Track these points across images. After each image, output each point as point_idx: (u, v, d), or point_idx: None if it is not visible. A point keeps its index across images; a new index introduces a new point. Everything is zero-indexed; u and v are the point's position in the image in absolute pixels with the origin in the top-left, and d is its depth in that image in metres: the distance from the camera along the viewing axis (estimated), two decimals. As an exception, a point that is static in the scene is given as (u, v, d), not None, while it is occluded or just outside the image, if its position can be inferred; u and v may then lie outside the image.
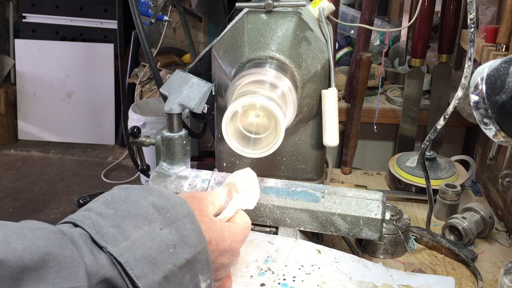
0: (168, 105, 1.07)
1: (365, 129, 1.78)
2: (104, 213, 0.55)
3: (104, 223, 0.54)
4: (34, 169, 3.92)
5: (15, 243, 0.47)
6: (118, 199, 0.57)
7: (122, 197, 0.58)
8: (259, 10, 1.03)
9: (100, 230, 0.53)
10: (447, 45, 1.69)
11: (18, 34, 4.40)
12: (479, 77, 0.67)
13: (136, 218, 0.55)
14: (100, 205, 0.57)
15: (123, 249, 0.52)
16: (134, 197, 0.58)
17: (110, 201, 0.57)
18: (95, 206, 0.57)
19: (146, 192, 0.59)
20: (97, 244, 0.52)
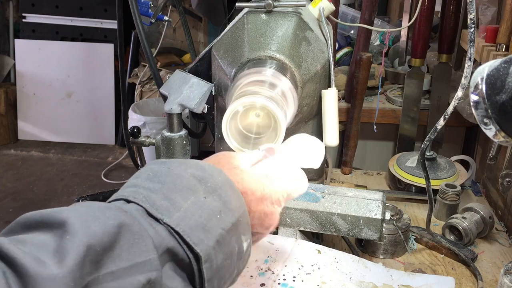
0: (168, 105, 1.07)
1: (365, 129, 1.78)
2: (152, 187, 0.57)
3: (155, 196, 0.56)
4: (34, 169, 3.92)
5: (94, 226, 0.49)
6: (161, 174, 0.59)
7: (163, 171, 0.60)
8: (259, 10, 1.03)
9: (153, 204, 0.55)
10: (447, 45, 1.69)
11: (18, 34, 4.40)
12: (479, 77, 0.67)
13: (182, 190, 0.58)
14: (144, 180, 0.59)
15: (178, 219, 0.55)
16: (174, 170, 0.60)
17: (152, 176, 0.59)
18: (140, 182, 0.59)
19: (184, 165, 0.61)
20: (153, 217, 0.54)
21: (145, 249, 0.51)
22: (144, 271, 0.50)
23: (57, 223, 0.49)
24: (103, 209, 0.52)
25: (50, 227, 0.49)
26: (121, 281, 0.48)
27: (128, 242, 0.50)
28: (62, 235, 0.48)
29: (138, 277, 0.49)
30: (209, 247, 0.55)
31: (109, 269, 0.48)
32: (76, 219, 0.49)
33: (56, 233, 0.48)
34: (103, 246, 0.48)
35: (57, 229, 0.48)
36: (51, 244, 0.47)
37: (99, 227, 0.49)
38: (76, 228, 0.48)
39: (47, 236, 0.48)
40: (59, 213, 0.50)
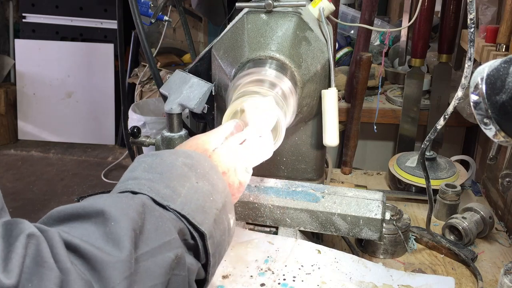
0: (168, 105, 1.07)
1: (365, 129, 1.78)
2: (152, 178, 0.62)
3: (158, 186, 0.61)
4: (34, 169, 3.91)
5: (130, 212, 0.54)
6: (156, 165, 0.65)
7: (157, 162, 0.65)
8: (259, 10, 1.03)
9: (158, 193, 0.60)
10: (447, 45, 1.69)
11: (18, 34, 4.40)
12: (479, 77, 0.67)
13: (178, 178, 0.63)
14: (142, 172, 0.64)
15: (181, 204, 0.61)
16: (167, 160, 0.65)
17: (148, 168, 0.64)
18: (138, 174, 0.64)
19: (174, 155, 0.67)
20: (159, 204, 0.60)
21: (168, 230, 0.57)
22: (171, 248, 0.56)
23: (95, 213, 0.53)
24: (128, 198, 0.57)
25: (88, 217, 0.53)
26: (155, 259, 0.54)
27: (154, 225, 0.56)
28: (105, 223, 0.52)
29: (168, 253, 0.56)
30: (210, 226, 0.62)
31: (144, 249, 0.53)
32: (112, 207, 0.54)
33: (96, 221, 0.52)
34: (139, 229, 0.54)
35: (96, 218, 0.53)
36: (97, 232, 0.51)
37: (134, 213, 0.55)
38: (117, 215, 0.53)
39: (90, 225, 0.52)
40: (93, 204, 0.54)
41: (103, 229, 0.52)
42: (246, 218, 1.02)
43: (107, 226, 0.52)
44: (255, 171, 0.90)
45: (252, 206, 1.00)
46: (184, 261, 0.58)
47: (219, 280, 0.90)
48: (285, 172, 1.15)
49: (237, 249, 0.97)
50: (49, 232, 0.49)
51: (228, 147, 0.77)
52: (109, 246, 0.50)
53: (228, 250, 0.97)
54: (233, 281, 0.90)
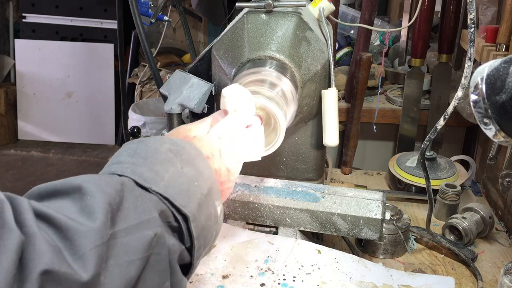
0: (168, 105, 1.07)
1: (365, 129, 1.78)
2: (136, 162, 0.63)
3: (141, 169, 0.62)
4: (34, 169, 3.91)
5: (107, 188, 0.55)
6: (140, 150, 0.65)
7: (142, 148, 0.66)
8: (259, 10, 1.03)
9: (141, 175, 0.61)
10: (447, 45, 1.69)
11: (18, 34, 4.40)
12: (479, 77, 0.67)
13: (162, 162, 0.64)
14: (127, 157, 0.64)
15: (164, 187, 0.61)
16: (152, 146, 0.66)
17: (133, 153, 0.65)
18: (123, 159, 0.64)
19: (160, 141, 0.68)
20: (142, 187, 0.60)
21: (148, 209, 0.58)
22: (150, 227, 0.57)
23: (72, 189, 0.54)
24: (107, 177, 0.59)
25: (66, 193, 0.54)
26: (134, 236, 0.55)
27: (133, 203, 0.57)
28: (82, 198, 0.53)
29: (147, 231, 0.56)
30: (193, 209, 0.63)
31: (121, 226, 0.55)
32: (90, 183, 0.55)
33: (74, 197, 0.54)
34: (117, 206, 0.55)
35: (74, 193, 0.54)
36: (73, 206, 0.53)
37: (111, 189, 0.55)
38: (93, 190, 0.54)
39: (66, 201, 0.54)
40: (71, 180, 0.55)
41: (79, 203, 0.53)
42: (246, 218, 1.02)
43: (83, 200, 0.53)
44: (255, 171, 0.90)
45: (252, 206, 1.00)
46: (164, 240, 0.59)
47: (219, 280, 0.90)
48: (285, 172, 1.15)
49: (237, 249, 0.97)
50: (17, 199, 0.50)
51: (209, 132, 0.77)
52: (83, 218, 0.51)
53: (228, 250, 0.97)
54: (233, 281, 0.90)
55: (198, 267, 0.93)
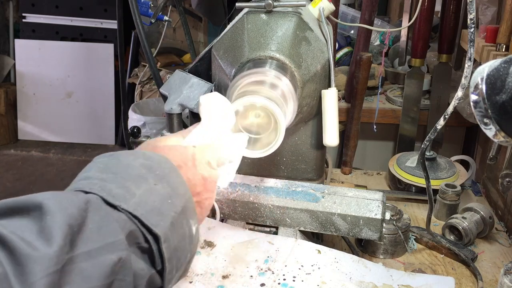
0: (168, 105, 1.07)
1: (365, 129, 1.78)
2: (105, 178, 0.60)
3: (110, 185, 0.58)
4: (34, 169, 3.91)
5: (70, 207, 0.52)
6: (112, 165, 0.62)
7: (113, 163, 0.63)
8: (259, 10, 1.03)
9: (110, 192, 0.58)
10: (447, 45, 1.69)
11: (18, 34, 4.40)
12: (479, 77, 0.67)
13: (134, 178, 0.61)
14: (96, 172, 0.61)
15: (135, 205, 0.58)
16: (124, 161, 0.63)
17: (103, 168, 0.62)
18: (92, 174, 0.61)
19: (132, 155, 0.65)
20: (110, 205, 0.57)
21: (113, 230, 0.54)
22: (114, 250, 0.53)
23: (33, 206, 0.51)
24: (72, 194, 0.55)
25: (26, 211, 0.51)
26: (95, 260, 0.51)
27: (97, 224, 0.53)
28: (41, 217, 0.50)
29: (110, 255, 0.53)
30: (165, 228, 0.59)
31: (81, 249, 0.51)
32: (51, 201, 0.51)
33: (34, 215, 0.50)
34: (78, 227, 0.51)
35: (34, 212, 0.51)
36: (32, 226, 0.50)
37: (74, 208, 0.52)
38: (54, 209, 0.51)
39: (26, 219, 0.50)
40: (33, 197, 0.52)
41: (39, 223, 0.50)
42: (246, 218, 1.02)
43: (43, 220, 0.50)
44: (255, 171, 0.90)
45: (252, 206, 1.00)
46: (130, 265, 0.55)
47: (219, 280, 0.90)
48: (285, 172, 1.15)
49: (237, 249, 0.97)
50: None
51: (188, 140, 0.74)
52: (40, 241, 0.48)
53: (228, 250, 0.97)
54: (233, 281, 0.90)
55: (198, 267, 0.93)
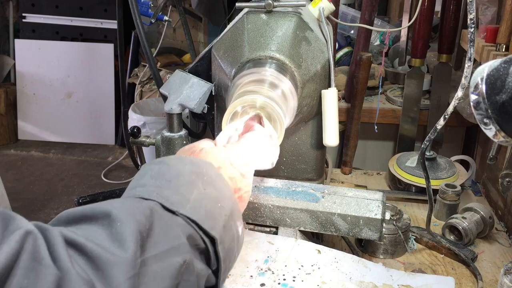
0: (168, 105, 1.07)
1: (365, 129, 1.78)
2: (160, 185, 0.62)
3: (167, 192, 0.61)
4: (34, 169, 3.91)
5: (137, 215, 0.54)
6: (163, 172, 0.65)
7: (164, 170, 0.65)
8: (259, 10, 1.03)
9: (168, 199, 0.60)
10: (447, 45, 1.69)
11: (18, 34, 4.40)
12: (479, 77, 0.67)
13: (186, 185, 0.64)
14: (150, 180, 0.64)
15: (191, 210, 0.61)
16: (174, 168, 0.66)
17: (156, 175, 0.64)
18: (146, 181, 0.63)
19: (181, 162, 0.68)
20: (169, 210, 0.60)
21: (177, 234, 0.57)
22: (180, 253, 0.57)
23: (101, 215, 0.53)
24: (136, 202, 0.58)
25: (95, 219, 0.53)
26: (163, 263, 0.54)
27: (163, 229, 0.56)
28: (111, 224, 0.52)
29: (176, 258, 0.56)
30: (220, 231, 0.63)
31: (151, 252, 0.54)
32: (119, 209, 0.54)
33: (103, 223, 0.53)
34: (146, 232, 0.54)
35: (103, 220, 0.53)
36: (103, 233, 0.52)
37: (141, 215, 0.54)
38: (123, 216, 0.53)
39: (96, 227, 0.53)
40: (101, 206, 0.55)
41: (109, 230, 0.52)
42: (246, 218, 1.02)
43: (113, 227, 0.52)
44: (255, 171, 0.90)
45: (252, 206, 1.00)
46: (193, 266, 0.58)
47: (219, 280, 0.90)
48: (285, 172, 1.15)
49: (237, 249, 0.97)
50: (49, 230, 0.49)
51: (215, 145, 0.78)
52: (114, 246, 0.50)
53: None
54: (233, 281, 0.90)
55: (198, 267, 0.93)
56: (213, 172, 0.69)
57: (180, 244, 0.57)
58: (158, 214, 0.57)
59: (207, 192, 0.64)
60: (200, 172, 0.67)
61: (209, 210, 0.63)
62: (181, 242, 0.57)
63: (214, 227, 0.62)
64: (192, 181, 0.64)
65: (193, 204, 0.62)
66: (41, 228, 0.49)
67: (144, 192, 0.61)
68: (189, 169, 0.66)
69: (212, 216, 0.63)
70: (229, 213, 0.66)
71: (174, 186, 0.63)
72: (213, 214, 0.63)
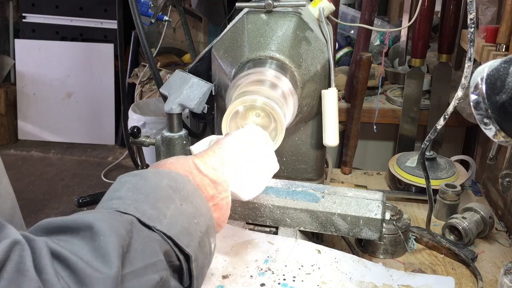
0: (168, 105, 1.07)
1: (365, 129, 1.78)
2: (137, 199, 0.61)
3: (144, 207, 0.60)
4: (34, 169, 3.91)
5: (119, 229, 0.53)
6: (140, 186, 0.63)
7: (141, 183, 0.64)
8: (259, 10, 1.03)
9: (144, 213, 0.59)
10: (447, 45, 1.69)
11: (18, 34, 4.40)
12: (479, 77, 0.67)
13: (163, 199, 0.62)
14: (127, 192, 0.62)
15: (167, 226, 0.60)
16: (151, 182, 0.64)
17: (133, 188, 0.63)
18: (123, 194, 0.62)
19: (159, 176, 0.66)
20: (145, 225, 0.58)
21: (154, 251, 0.56)
22: (157, 270, 0.55)
23: (84, 226, 0.52)
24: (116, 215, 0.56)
25: (76, 231, 0.52)
26: (140, 279, 0.53)
27: (140, 245, 0.55)
28: (93, 237, 0.51)
29: (153, 275, 0.55)
30: (195, 248, 0.62)
31: (129, 269, 0.52)
32: (101, 222, 0.53)
33: (85, 235, 0.51)
34: (127, 247, 0.53)
35: (85, 232, 0.52)
36: (85, 246, 0.50)
37: (123, 230, 0.53)
38: (105, 230, 0.52)
39: (77, 239, 0.51)
40: (82, 217, 0.53)
41: (91, 244, 0.51)
42: (246, 218, 1.02)
43: (96, 240, 0.51)
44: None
45: (252, 206, 1.00)
46: (168, 284, 0.57)
47: (219, 280, 0.90)
48: (285, 172, 1.15)
49: (237, 249, 0.97)
50: (36, 241, 0.48)
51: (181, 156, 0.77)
52: (98, 261, 0.50)
53: (228, 250, 0.97)
54: (233, 281, 0.90)
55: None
56: (190, 187, 0.67)
57: (157, 261, 0.56)
58: (136, 228, 0.56)
59: (183, 207, 0.63)
60: (177, 187, 0.65)
61: (185, 227, 0.61)
62: (158, 258, 0.56)
63: (190, 244, 0.61)
64: (169, 195, 0.63)
65: (170, 220, 0.60)
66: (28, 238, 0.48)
67: (121, 205, 0.60)
68: (166, 183, 0.65)
69: (188, 233, 0.61)
70: (204, 229, 0.65)
71: (151, 200, 0.61)
72: (189, 231, 0.62)
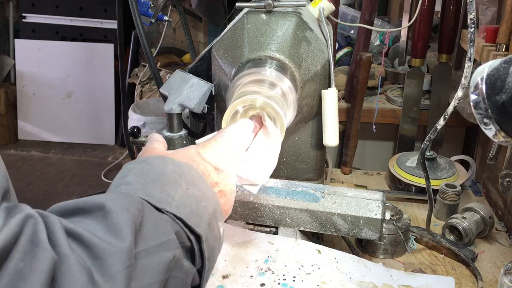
0: (168, 105, 1.07)
1: (365, 129, 1.78)
2: (145, 183, 0.62)
3: (153, 190, 0.61)
4: (34, 169, 3.91)
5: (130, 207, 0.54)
6: (147, 171, 0.64)
7: (148, 169, 0.65)
8: (259, 10, 1.03)
9: (154, 196, 0.60)
10: (447, 45, 1.69)
11: (18, 34, 4.40)
12: (479, 77, 0.67)
13: (170, 183, 0.63)
14: (135, 178, 0.63)
15: (177, 208, 0.61)
16: (157, 167, 0.66)
17: (139, 174, 0.64)
18: (131, 180, 0.63)
19: (163, 162, 0.67)
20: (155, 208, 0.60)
21: (166, 230, 0.58)
22: (169, 248, 0.57)
23: (95, 207, 0.53)
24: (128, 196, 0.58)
25: (88, 211, 0.53)
26: (153, 257, 0.54)
27: (152, 224, 0.56)
28: (106, 216, 0.52)
29: (166, 253, 0.56)
30: (205, 229, 0.63)
31: (142, 247, 0.53)
32: (112, 202, 0.54)
33: (97, 215, 0.53)
34: (139, 225, 0.54)
35: (97, 212, 0.53)
36: (98, 225, 0.52)
37: (134, 209, 0.55)
38: (117, 208, 0.53)
39: (90, 219, 0.53)
40: (93, 198, 0.54)
41: (104, 222, 0.52)
42: (246, 218, 1.02)
43: (108, 218, 0.52)
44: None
45: (252, 206, 1.00)
46: (181, 263, 0.58)
47: (219, 280, 0.90)
48: (285, 172, 1.15)
49: (237, 249, 0.97)
50: (50, 217, 0.49)
51: None
52: (111, 237, 0.51)
53: (228, 250, 0.97)
54: (233, 281, 0.90)
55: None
56: (194, 172, 0.69)
57: (170, 239, 0.57)
58: (148, 209, 0.58)
59: (190, 191, 0.64)
60: (182, 172, 0.67)
61: (193, 209, 0.63)
62: (170, 237, 0.57)
63: (199, 224, 0.62)
64: (175, 180, 0.64)
65: (178, 202, 0.62)
66: (42, 214, 0.49)
67: (130, 190, 0.61)
68: (171, 169, 0.66)
69: (197, 214, 0.63)
70: (212, 212, 0.66)
71: (158, 184, 0.62)
72: (198, 213, 0.63)
